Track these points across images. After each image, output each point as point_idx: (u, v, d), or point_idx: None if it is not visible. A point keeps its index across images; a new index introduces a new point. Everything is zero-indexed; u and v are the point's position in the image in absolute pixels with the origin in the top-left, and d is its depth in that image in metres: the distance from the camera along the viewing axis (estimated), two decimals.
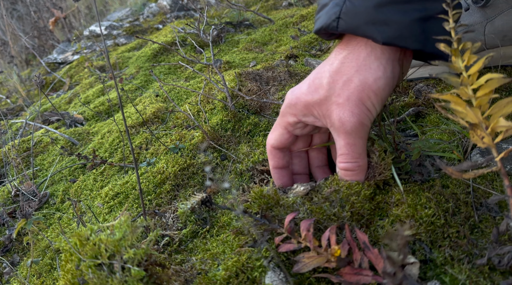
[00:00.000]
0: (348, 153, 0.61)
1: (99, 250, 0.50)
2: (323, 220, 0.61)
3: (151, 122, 1.14)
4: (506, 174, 0.47)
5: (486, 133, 0.46)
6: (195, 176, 0.85)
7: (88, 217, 0.83)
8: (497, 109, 0.45)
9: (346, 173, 0.62)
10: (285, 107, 0.65)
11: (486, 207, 0.62)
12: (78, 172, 1.05)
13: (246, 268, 0.57)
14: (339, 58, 0.60)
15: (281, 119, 0.67)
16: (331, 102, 0.59)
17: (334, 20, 0.57)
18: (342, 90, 0.58)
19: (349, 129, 0.58)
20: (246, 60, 1.45)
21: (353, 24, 0.56)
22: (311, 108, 0.61)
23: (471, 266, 0.54)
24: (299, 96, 0.62)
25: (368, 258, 0.53)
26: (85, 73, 1.90)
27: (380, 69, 0.58)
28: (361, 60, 0.58)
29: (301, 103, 0.62)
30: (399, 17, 0.55)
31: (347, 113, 0.58)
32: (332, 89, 0.59)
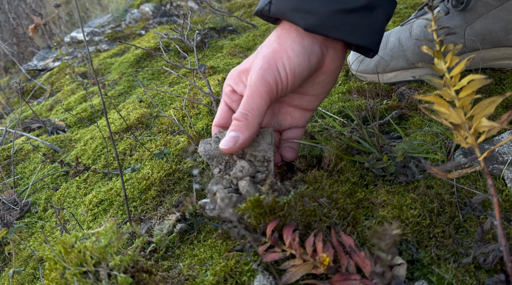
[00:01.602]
0: (244, 104, 0.62)
1: (84, 257, 0.49)
2: (314, 222, 0.61)
3: (135, 128, 1.13)
4: (489, 173, 0.48)
5: (469, 133, 0.46)
6: (181, 181, 0.84)
7: (72, 225, 0.81)
8: (479, 110, 0.46)
9: (234, 123, 0.62)
10: (225, 82, 0.70)
11: (470, 207, 0.63)
12: (60, 179, 1.03)
13: (235, 273, 0.56)
14: (273, 35, 0.65)
15: (222, 93, 0.70)
16: (252, 67, 0.63)
17: (267, 4, 0.63)
18: (262, 53, 0.63)
19: (252, 82, 0.61)
20: (231, 65, 1.45)
21: (281, 10, 0.62)
22: (241, 75, 0.66)
23: (457, 265, 0.55)
24: (237, 68, 0.68)
25: (354, 261, 0.53)
26: (67, 80, 1.87)
27: (299, 43, 0.62)
28: (290, 36, 0.63)
29: (236, 73, 0.67)
30: (320, 7, 0.60)
31: (256, 68, 0.61)
32: (257, 56, 0.64)
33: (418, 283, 0.54)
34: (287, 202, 0.61)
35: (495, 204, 0.48)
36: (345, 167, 0.71)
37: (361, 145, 0.76)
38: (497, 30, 0.89)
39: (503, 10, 0.87)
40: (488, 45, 0.92)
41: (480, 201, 0.63)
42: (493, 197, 0.48)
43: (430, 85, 0.98)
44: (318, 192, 0.65)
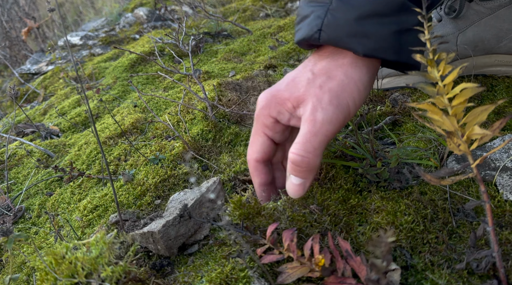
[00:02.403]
0: (304, 143, 0.56)
1: (76, 268, 0.49)
2: (305, 227, 0.61)
3: (129, 133, 1.13)
4: (481, 179, 0.49)
5: (462, 141, 0.47)
6: (176, 187, 0.84)
7: (66, 231, 0.81)
8: (472, 118, 0.47)
9: (294, 168, 0.58)
10: (259, 110, 0.62)
11: (463, 213, 0.64)
12: (54, 184, 1.03)
13: (230, 279, 0.57)
14: (323, 61, 0.59)
15: (257, 125, 0.63)
16: (308, 93, 0.57)
17: (316, 32, 0.57)
18: (324, 83, 0.57)
19: (320, 119, 0.55)
20: (225, 70, 1.45)
21: (334, 36, 0.56)
22: (286, 102, 0.59)
23: (450, 271, 0.55)
24: (275, 94, 0.60)
25: (351, 266, 0.54)
26: (60, 84, 1.86)
27: (362, 73, 0.58)
28: (346, 64, 0.58)
29: (276, 100, 0.60)
30: (378, 30, 0.56)
31: (325, 102, 0.56)
32: (313, 83, 0.57)
33: None
34: (274, 207, 0.62)
35: (487, 210, 0.49)
36: (338, 174, 0.72)
37: (355, 151, 0.76)
38: (489, 37, 0.90)
39: (494, 18, 0.88)
40: (480, 52, 0.93)
41: (473, 207, 0.64)
42: (485, 204, 0.49)
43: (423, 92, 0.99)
44: (309, 200, 0.65)
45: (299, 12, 0.63)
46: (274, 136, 0.63)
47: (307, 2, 0.61)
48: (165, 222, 0.64)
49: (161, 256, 0.67)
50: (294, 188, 0.59)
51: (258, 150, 0.64)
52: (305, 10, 0.61)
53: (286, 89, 0.59)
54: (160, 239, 0.63)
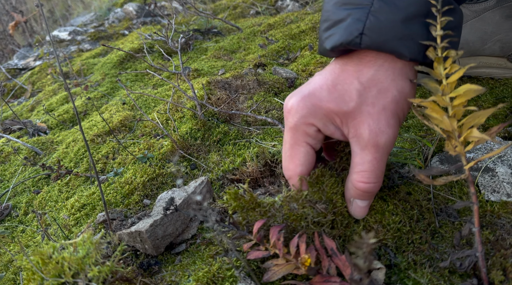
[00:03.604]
0: (373, 170, 0.54)
1: (62, 268, 0.49)
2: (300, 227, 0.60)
3: (118, 131, 1.12)
4: (472, 181, 0.50)
5: (459, 142, 0.48)
6: (165, 186, 0.84)
7: (53, 230, 0.81)
8: (471, 119, 0.47)
9: (363, 194, 0.56)
10: (299, 118, 0.55)
11: (446, 213, 0.65)
12: (42, 182, 1.02)
13: (217, 278, 0.57)
14: (369, 68, 0.54)
15: (297, 135, 0.57)
16: (360, 111, 0.53)
17: (357, 36, 0.52)
18: (377, 99, 0.53)
19: (382, 143, 0.53)
20: (215, 68, 1.45)
21: (378, 40, 0.52)
22: (334, 116, 0.55)
23: (432, 270, 0.57)
24: (318, 103, 0.55)
25: (336, 264, 0.55)
26: (48, 80, 1.85)
27: (411, 84, 0.55)
28: (396, 75, 0.54)
29: (322, 111, 0.55)
30: (424, 32, 0.52)
31: (383, 124, 0.52)
32: (364, 97, 0.53)
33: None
34: (271, 203, 0.61)
35: (475, 212, 0.50)
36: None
37: None
38: (474, 40, 0.92)
39: (479, 21, 0.90)
40: (465, 54, 0.95)
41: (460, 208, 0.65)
42: (473, 205, 0.50)
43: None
44: (317, 194, 0.61)
45: (328, 17, 0.57)
46: (316, 146, 0.58)
47: (339, 5, 0.56)
48: (153, 221, 0.64)
49: (149, 255, 0.67)
50: (361, 211, 0.58)
51: (302, 162, 0.58)
52: (338, 13, 0.55)
53: (331, 99, 0.54)
54: (147, 239, 0.63)
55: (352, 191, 0.57)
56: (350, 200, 0.59)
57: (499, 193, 0.66)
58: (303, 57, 1.35)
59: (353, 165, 0.56)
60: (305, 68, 1.26)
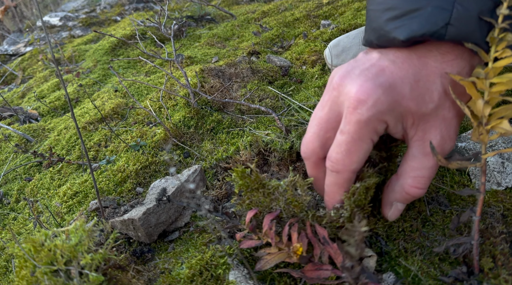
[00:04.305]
0: (429, 178, 0.52)
1: (55, 256, 0.49)
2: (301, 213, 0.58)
3: (110, 119, 1.11)
4: (485, 171, 0.50)
5: (485, 130, 0.47)
6: (158, 174, 0.84)
7: (45, 217, 0.80)
8: (503, 110, 0.46)
9: (411, 199, 0.55)
10: (376, 113, 0.49)
11: (437, 201, 0.66)
12: (33, 170, 1.01)
13: (210, 266, 0.58)
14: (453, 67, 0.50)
15: (367, 129, 0.50)
16: (435, 114, 0.50)
17: (442, 27, 0.47)
18: (454, 104, 0.51)
19: (447, 150, 0.51)
20: (208, 56, 1.44)
21: (466, 31, 0.47)
22: (408, 116, 0.51)
23: (423, 257, 0.57)
24: (400, 100, 0.49)
25: (328, 252, 0.55)
26: (39, 66, 1.82)
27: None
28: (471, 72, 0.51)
29: (401, 109, 0.50)
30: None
31: (453, 132, 0.50)
32: (443, 100, 0.50)
33: (386, 275, 0.56)
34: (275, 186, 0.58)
35: (480, 201, 0.51)
36: None
37: None
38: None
39: None
40: None
41: (447, 196, 0.66)
42: (480, 194, 0.50)
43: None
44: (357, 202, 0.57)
45: (394, 5, 0.51)
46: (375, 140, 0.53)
47: None
48: (146, 209, 0.64)
49: (142, 243, 0.67)
50: (398, 214, 0.57)
51: (360, 160, 0.52)
52: (410, 2, 0.50)
53: (412, 98, 0.50)
54: (140, 227, 0.63)
55: (400, 194, 0.54)
56: (391, 203, 0.57)
57: (489, 182, 0.67)
58: (297, 46, 1.34)
59: (408, 169, 0.53)
60: (299, 56, 1.25)
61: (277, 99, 1.04)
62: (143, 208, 0.65)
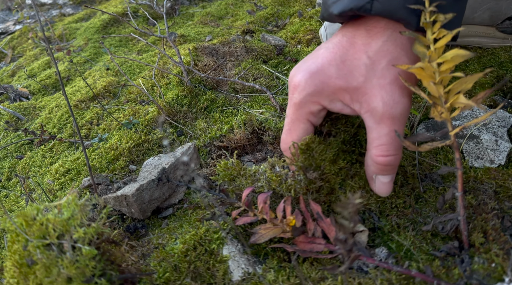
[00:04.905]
0: (391, 143, 0.53)
1: (47, 230, 0.49)
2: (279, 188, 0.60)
3: (102, 97, 1.10)
4: (457, 147, 0.50)
5: (445, 108, 0.48)
6: (151, 152, 0.84)
7: (37, 194, 0.80)
8: (457, 85, 0.47)
9: (384, 168, 0.55)
10: (305, 96, 0.55)
11: (430, 178, 0.66)
12: (25, 148, 1.00)
13: (204, 241, 0.58)
14: (377, 39, 0.53)
15: (301, 111, 0.57)
16: (371, 84, 0.52)
17: (368, 2, 0.51)
18: (387, 70, 0.52)
19: (398, 114, 0.52)
20: (202, 34, 1.42)
21: (390, 7, 0.50)
22: (342, 93, 0.54)
23: (415, 233, 0.58)
24: (327, 81, 0.54)
25: (321, 227, 0.56)
26: (29, 45, 1.79)
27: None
28: (405, 38, 0.53)
29: (329, 89, 0.54)
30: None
31: (397, 95, 0.52)
32: (373, 71, 0.52)
33: (378, 250, 0.57)
34: (256, 170, 0.63)
35: (459, 177, 0.51)
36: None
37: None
38: None
39: None
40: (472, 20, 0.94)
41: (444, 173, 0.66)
42: (458, 170, 0.51)
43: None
44: (307, 161, 0.60)
45: None
46: (317, 122, 0.59)
47: None
48: (139, 185, 0.64)
49: (135, 219, 0.67)
50: (386, 187, 0.57)
51: (300, 138, 0.58)
52: None
53: (339, 76, 0.53)
54: (134, 203, 0.63)
55: (373, 167, 0.56)
56: (372, 177, 0.58)
57: (482, 160, 0.67)
58: (292, 25, 1.32)
59: (370, 141, 0.55)
60: (294, 35, 1.24)
61: (271, 78, 1.03)
62: (137, 184, 0.65)
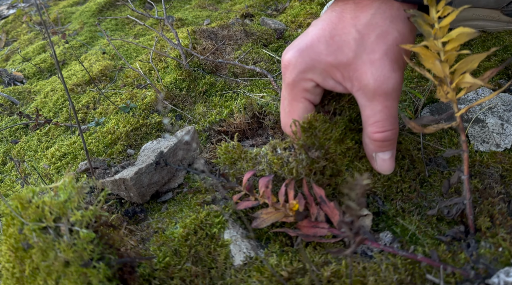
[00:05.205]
0: (386, 119, 0.51)
1: (43, 213, 0.47)
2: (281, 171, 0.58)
3: (98, 81, 1.08)
4: (463, 129, 0.49)
5: (451, 88, 0.46)
6: (149, 136, 0.82)
7: (33, 179, 0.78)
8: (463, 65, 0.45)
9: (383, 144, 0.54)
10: (297, 74, 0.53)
11: (435, 162, 0.65)
12: (20, 132, 0.98)
13: (205, 225, 0.56)
14: (365, 12, 0.50)
15: (296, 90, 0.55)
16: (362, 60, 0.50)
17: None
18: (377, 45, 0.50)
19: (390, 89, 0.50)
20: (200, 18, 1.39)
21: None
22: (333, 70, 0.52)
23: (420, 217, 0.57)
24: (317, 58, 0.52)
25: (324, 211, 0.54)
26: (24, 29, 1.75)
27: (410, 27, 0.51)
28: (395, 17, 0.50)
29: (320, 65, 0.52)
30: None
31: (387, 70, 0.49)
32: (363, 46, 0.50)
33: (383, 234, 0.56)
34: (257, 152, 0.61)
35: (465, 160, 0.50)
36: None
37: None
38: None
39: None
40: (458, 5, 0.92)
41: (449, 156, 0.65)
42: (463, 153, 0.49)
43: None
44: (310, 140, 0.57)
45: None
46: (315, 100, 0.56)
47: None
48: (138, 169, 0.62)
49: (134, 203, 0.66)
50: (387, 164, 0.55)
51: (301, 118, 0.56)
52: None
53: (329, 52, 0.51)
54: (132, 186, 0.62)
55: (372, 144, 0.54)
56: (372, 156, 0.56)
57: (488, 144, 0.66)
58: (292, 8, 1.30)
59: (365, 119, 0.53)
60: (294, 19, 1.21)
61: (272, 62, 1.01)
62: (135, 168, 0.63)
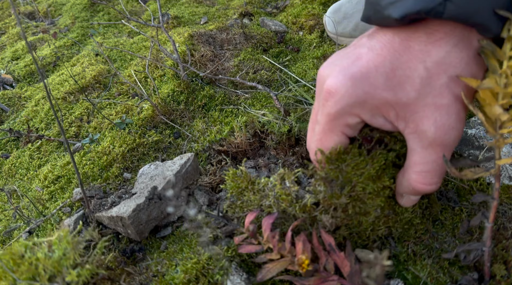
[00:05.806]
0: (436, 171, 0.47)
1: (37, 270, 0.44)
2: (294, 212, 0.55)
3: (92, 88, 1.03)
4: (499, 177, 0.46)
5: (499, 133, 0.43)
6: (146, 157, 0.78)
7: (25, 203, 0.75)
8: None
9: (419, 194, 0.51)
10: (344, 106, 0.46)
11: (446, 197, 0.62)
12: (11, 145, 0.94)
13: (207, 271, 0.54)
14: (439, 48, 0.44)
15: (336, 122, 0.48)
16: (424, 103, 0.44)
17: (440, 3, 0.41)
18: (447, 89, 0.44)
19: (451, 141, 0.45)
20: (196, 15, 1.33)
21: (467, 9, 0.41)
22: (387, 108, 0.46)
23: (431, 261, 0.54)
24: (372, 92, 0.45)
25: (333, 260, 0.52)
26: (12, 20, 1.68)
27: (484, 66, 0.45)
28: (471, 57, 0.44)
29: (373, 101, 0.45)
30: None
31: (453, 119, 0.44)
32: (429, 87, 0.44)
33: (393, 282, 0.53)
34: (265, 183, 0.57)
35: (493, 207, 0.47)
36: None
37: None
38: None
39: None
40: None
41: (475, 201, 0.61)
42: (493, 201, 0.47)
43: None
44: (334, 172, 0.51)
45: None
46: (353, 134, 0.51)
47: None
48: (136, 205, 0.59)
49: (132, 240, 0.63)
50: (412, 202, 0.54)
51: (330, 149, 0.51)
52: None
53: (387, 87, 0.45)
54: (130, 225, 0.59)
55: (408, 189, 0.50)
56: (402, 195, 0.53)
57: (500, 176, 0.63)
58: (293, 7, 1.24)
59: (411, 164, 0.48)
60: (296, 20, 1.16)
61: (273, 71, 0.97)
62: (133, 204, 0.60)
